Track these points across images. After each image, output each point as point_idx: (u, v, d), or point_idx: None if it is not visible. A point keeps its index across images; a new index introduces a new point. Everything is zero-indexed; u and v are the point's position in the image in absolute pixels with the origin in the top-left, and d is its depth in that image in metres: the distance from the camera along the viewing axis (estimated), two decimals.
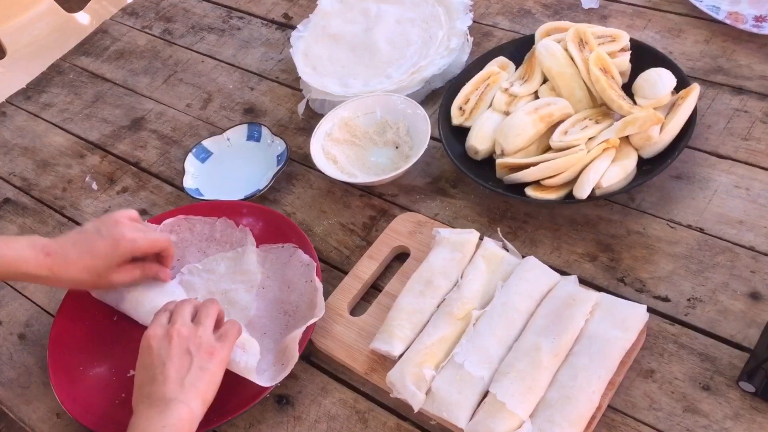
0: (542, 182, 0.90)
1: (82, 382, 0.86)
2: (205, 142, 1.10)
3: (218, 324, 0.79)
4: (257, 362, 0.79)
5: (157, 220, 0.97)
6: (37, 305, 0.98)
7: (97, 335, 0.90)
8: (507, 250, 0.87)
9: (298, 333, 0.80)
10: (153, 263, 0.89)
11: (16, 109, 1.29)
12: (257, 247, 0.94)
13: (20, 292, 1.00)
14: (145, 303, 0.88)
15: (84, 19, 1.91)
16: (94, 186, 1.12)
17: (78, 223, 1.07)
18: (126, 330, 0.90)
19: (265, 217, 0.96)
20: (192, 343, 0.75)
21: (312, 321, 0.82)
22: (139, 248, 0.85)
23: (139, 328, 0.89)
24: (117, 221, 0.86)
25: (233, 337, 0.78)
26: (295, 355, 0.80)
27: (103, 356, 0.88)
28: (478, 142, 0.96)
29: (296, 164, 1.07)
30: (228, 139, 1.10)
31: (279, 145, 1.06)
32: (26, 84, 1.33)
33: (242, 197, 1.01)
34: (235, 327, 0.79)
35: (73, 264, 0.83)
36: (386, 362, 0.81)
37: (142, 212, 1.06)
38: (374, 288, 0.90)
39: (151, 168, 1.13)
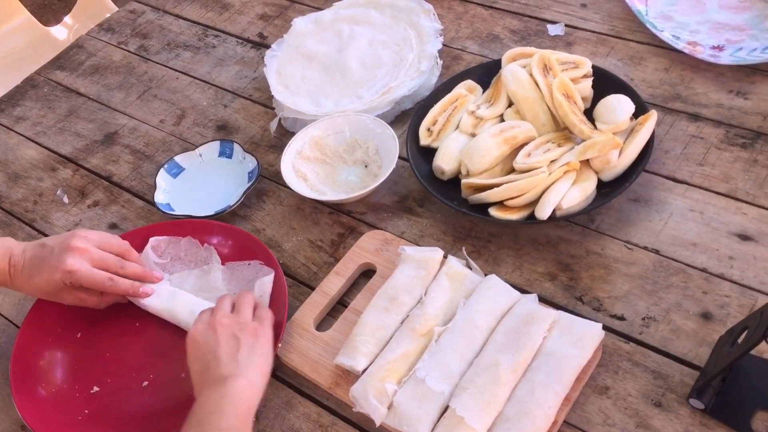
0: (505, 203, 0.93)
1: (45, 398, 0.86)
2: (178, 158, 1.11)
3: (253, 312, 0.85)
4: None
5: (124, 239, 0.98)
6: (4, 317, 0.98)
7: (60, 351, 0.90)
8: (470, 269, 0.89)
9: None
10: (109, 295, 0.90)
11: None
12: (223, 264, 0.95)
13: None
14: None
15: (60, 33, 1.92)
16: (66, 199, 1.13)
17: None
18: (89, 347, 0.91)
19: (234, 236, 0.97)
20: (235, 329, 0.79)
21: None
22: (77, 281, 0.85)
23: (104, 345, 0.90)
24: (68, 246, 0.85)
25: (269, 320, 0.83)
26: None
27: (67, 372, 0.88)
28: (445, 162, 0.98)
29: (267, 181, 1.09)
30: (200, 155, 1.12)
31: (250, 162, 1.08)
32: (0, 97, 1.33)
33: (213, 213, 1.02)
34: (269, 312, 0.84)
35: (25, 280, 0.86)
36: (350, 377, 0.82)
37: (113, 226, 1.07)
38: (340, 304, 0.91)
39: (122, 182, 1.14)
